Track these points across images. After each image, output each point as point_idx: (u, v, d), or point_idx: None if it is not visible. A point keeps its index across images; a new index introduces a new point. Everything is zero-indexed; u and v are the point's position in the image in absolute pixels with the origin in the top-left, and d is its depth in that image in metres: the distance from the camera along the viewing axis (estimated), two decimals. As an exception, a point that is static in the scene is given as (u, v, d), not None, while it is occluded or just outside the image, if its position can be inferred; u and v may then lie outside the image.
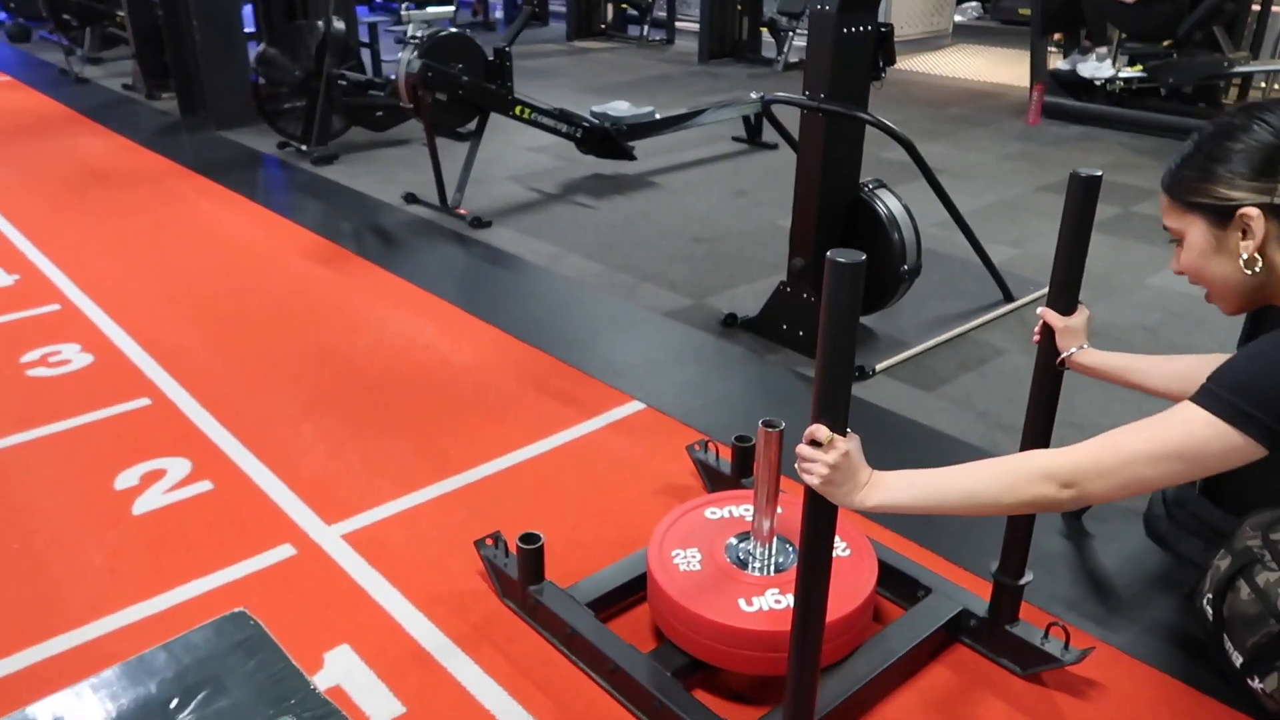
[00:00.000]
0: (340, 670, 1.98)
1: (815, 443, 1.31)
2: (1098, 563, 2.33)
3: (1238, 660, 1.81)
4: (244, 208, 5.10)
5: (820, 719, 1.73)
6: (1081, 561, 2.34)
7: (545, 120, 5.16)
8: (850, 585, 1.94)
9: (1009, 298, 3.75)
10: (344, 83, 5.84)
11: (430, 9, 5.54)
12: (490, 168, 5.58)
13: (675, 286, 3.98)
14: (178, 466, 2.70)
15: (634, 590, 2.15)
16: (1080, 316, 1.75)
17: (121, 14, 7.99)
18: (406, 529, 2.44)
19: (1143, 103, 6.59)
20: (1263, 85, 7.11)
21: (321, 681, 1.94)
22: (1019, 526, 1.92)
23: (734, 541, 2.08)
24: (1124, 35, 6.66)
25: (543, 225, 4.77)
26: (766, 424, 1.91)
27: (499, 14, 12.46)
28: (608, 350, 3.45)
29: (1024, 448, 1.85)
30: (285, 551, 2.34)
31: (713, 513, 2.19)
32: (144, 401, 3.07)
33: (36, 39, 10.46)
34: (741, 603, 1.91)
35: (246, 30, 6.89)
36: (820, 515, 1.38)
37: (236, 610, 1.63)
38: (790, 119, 3.65)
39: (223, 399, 3.08)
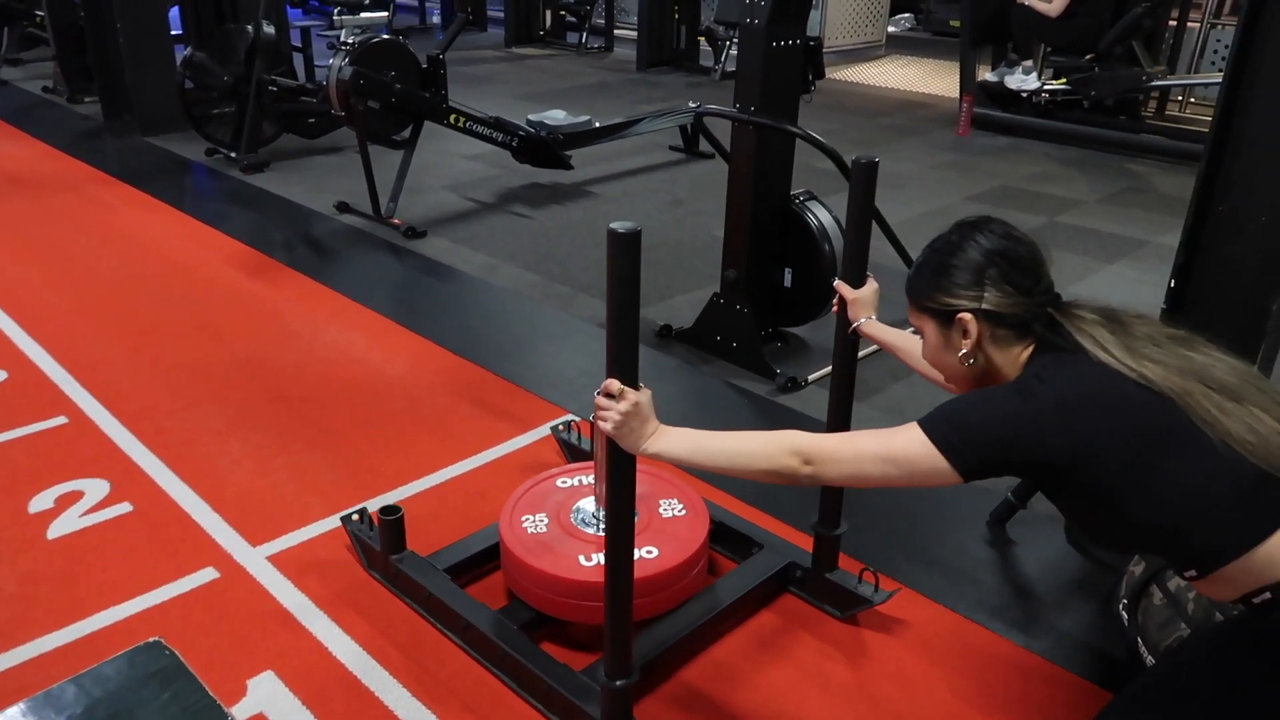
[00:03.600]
0: (263, 698, 1.93)
1: (610, 395, 1.51)
2: (1020, 569, 2.39)
3: (1150, 663, 1.87)
4: (170, 217, 4.97)
5: (652, 660, 1.94)
6: (1004, 568, 2.39)
7: (481, 129, 5.12)
8: (682, 539, 2.14)
9: (938, 307, 3.83)
10: (275, 89, 5.73)
11: (364, 14, 5.47)
12: (425, 176, 5.52)
13: (593, 286, 3.98)
14: (95, 488, 2.62)
15: (492, 557, 2.28)
16: (869, 289, 1.95)
17: (41, 14, 7.74)
18: (335, 549, 2.39)
19: (1067, 114, 6.77)
20: (1179, 98, 7.36)
21: (243, 711, 1.89)
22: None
23: (580, 505, 2.24)
24: (1048, 49, 6.85)
25: (478, 235, 4.73)
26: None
27: (436, 19, 12.35)
28: (543, 362, 3.44)
29: (831, 399, 2.15)
30: (208, 575, 2.28)
31: (563, 482, 2.34)
32: (60, 420, 2.97)
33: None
34: (581, 559, 2.07)
35: (173, 32, 6.71)
36: (617, 458, 1.58)
37: (151, 640, 1.58)
38: (723, 130, 3.68)
39: (144, 416, 2.99)
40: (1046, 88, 6.79)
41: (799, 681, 2.01)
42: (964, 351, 1.45)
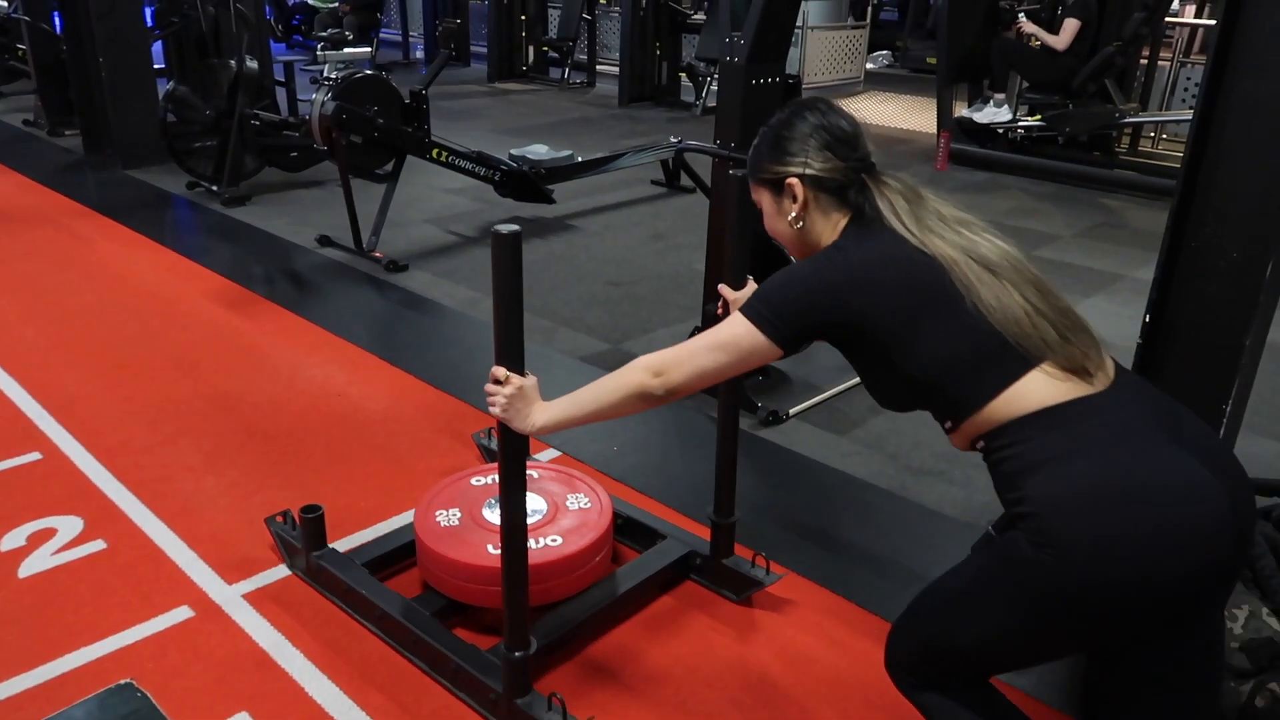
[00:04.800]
0: (237, 740, 1.90)
1: (497, 381, 1.69)
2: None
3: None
4: (150, 250, 4.94)
5: (556, 639, 2.09)
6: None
7: (463, 163, 5.14)
8: (584, 530, 2.29)
9: (918, 341, 3.85)
10: (257, 122, 5.74)
11: (347, 49, 5.51)
12: (407, 210, 5.53)
13: (592, 331, 3.99)
14: (69, 525, 2.58)
15: (411, 552, 2.39)
16: (748, 289, 2.02)
17: (23, 47, 7.74)
18: (312, 587, 2.36)
19: (1042, 150, 6.88)
20: (1151, 134, 7.50)
21: (217, 753, 1.86)
22: (725, 473, 2.29)
23: (492, 500, 2.35)
24: (1025, 85, 6.97)
25: (460, 268, 4.73)
26: None
27: (420, 54, 12.44)
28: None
29: (720, 399, 2.28)
30: (182, 614, 2.25)
31: (477, 480, 2.47)
32: (34, 456, 2.93)
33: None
34: (489, 547, 2.18)
35: (156, 66, 6.73)
36: (509, 438, 1.75)
37: (123, 682, 1.56)
38: (704, 165, 3.72)
39: (120, 452, 2.96)
40: (1022, 124, 6.90)
41: (689, 656, 2.17)
42: (792, 215, 1.59)
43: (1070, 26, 6.53)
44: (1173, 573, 1.29)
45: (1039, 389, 1.38)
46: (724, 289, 2.04)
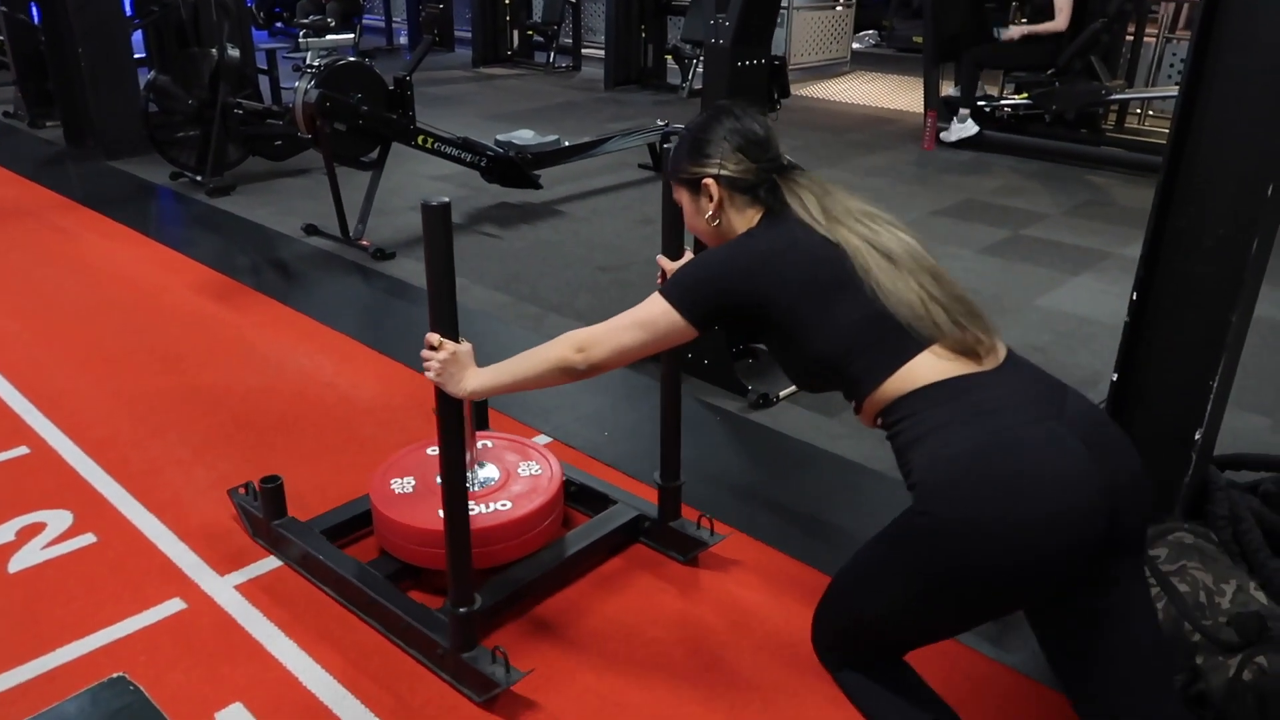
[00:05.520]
0: (232, 731, 1.90)
1: (432, 347, 1.80)
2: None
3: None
4: (134, 242, 4.91)
5: (506, 597, 2.18)
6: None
7: (449, 150, 5.11)
8: (533, 495, 2.38)
9: (906, 321, 3.86)
10: (240, 111, 5.69)
11: (330, 36, 5.46)
12: (393, 197, 5.50)
13: (582, 316, 3.98)
14: (58, 519, 2.57)
15: (369, 521, 2.45)
16: (685, 259, 2.05)
17: (1, 38, 7.65)
18: (304, 577, 2.36)
19: (1029, 128, 6.88)
20: (1138, 111, 7.51)
21: (211, 744, 1.86)
22: (669, 439, 2.36)
23: None
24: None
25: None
26: None
27: (403, 39, 12.35)
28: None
29: (662, 369, 2.31)
30: (174, 606, 2.24)
31: (433, 450, 2.49)
32: (22, 450, 2.91)
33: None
34: (440, 512, 2.11)
35: (136, 56, 6.66)
36: (444, 401, 1.86)
37: (115, 675, 1.55)
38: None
39: (108, 445, 2.94)
40: (1009, 102, 6.89)
41: (633, 613, 2.27)
42: (709, 214, 1.68)
43: (1065, 5, 6.52)
44: (1040, 551, 1.35)
45: (928, 368, 1.46)
46: (661, 259, 2.11)
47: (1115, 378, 2.24)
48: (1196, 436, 2.10)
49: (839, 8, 10.64)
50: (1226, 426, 2.24)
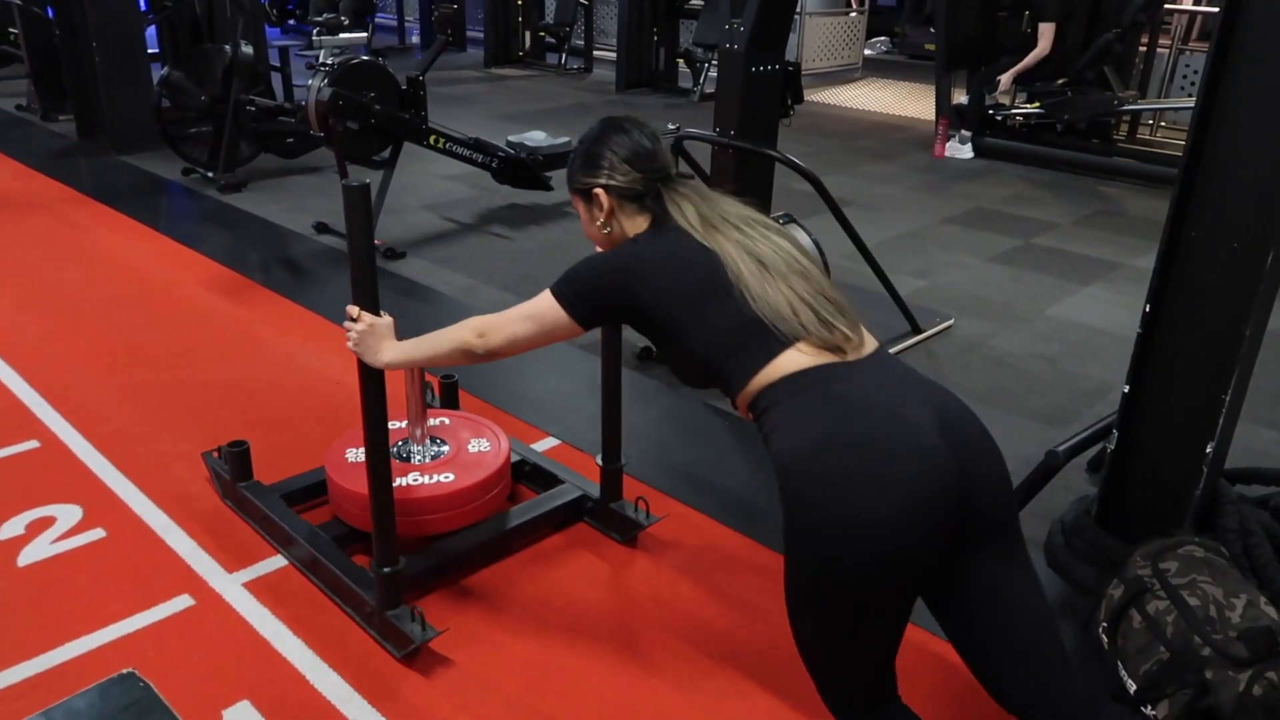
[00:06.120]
0: (239, 728, 1.90)
1: (353, 319, 1.93)
2: (1001, 592, 2.39)
3: (1132, 688, 1.88)
4: (145, 237, 4.92)
5: (437, 564, 2.31)
6: (985, 591, 2.39)
7: (460, 150, 5.12)
8: (477, 468, 2.49)
9: (916, 329, 3.86)
10: (252, 108, 5.71)
11: (343, 35, 5.47)
12: (404, 196, 5.51)
13: (591, 318, 3.97)
14: (68, 514, 2.58)
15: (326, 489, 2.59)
16: None
17: (15, 31, 7.68)
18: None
19: (1040, 137, 6.87)
20: (1150, 122, 7.49)
21: (218, 741, 1.86)
22: (611, 424, 2.45)
23: (401, 442, 2.56)
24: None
25: (457, 256, 4.72)
26: None
27: (415, 39, 12.37)
28: (523, 385, 3.43)
29: (602, 355, 2.37)
30: (183, 602, 2.25)
31: (395, 425, 2.48)
32: (32, 444, 2.92)
33: (-77, 56, 9.97)
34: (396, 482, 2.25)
35: (150, 51, 6.68)
36: (365, 370, 2.00)
37: (125, 671, 1.55)
38: (702, 152, 3.70)
39: (117, 439, 2.95)
40: (1020, 111, 6.89)
41: (564, 585, 2.38)
42: (600, 221, 1.78)
43: (1046, 31, 6.55)
44: (894, 536, 1.40)
45: (792, 363, 1.54)
46: None
47: (1126, 389, 2.23)
48: (1208, 450, 2.10)
49: (851, 14, 10.64)
50: (1238, 440, 2.24)
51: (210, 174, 5.79)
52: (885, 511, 1.40)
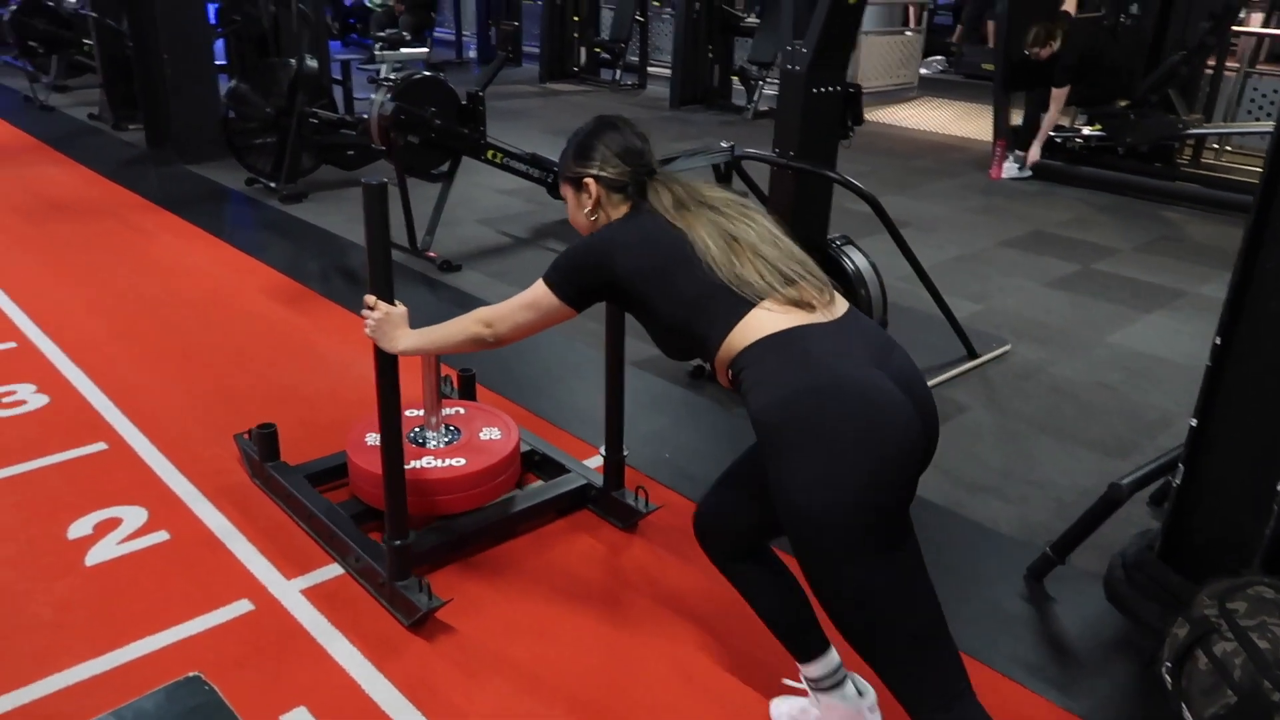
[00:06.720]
0: (296, 734, 1.93)
1: (369, 307, 2.08)
2: (1059, 626, 2.35)
3: (1196, 731, 1.83)
4: (209, 244, 5.05)
5: (446, 541, 2.46)
6: (1042, 624, 2.35)
7: (516, 164, 5.17)
8: (487, 455, 2.64)
9: (972, 354, 3.81)
10: (315, 121, 5.83)
11: (404, 50, 5.56)
12: (460, 210, 5.58)
13: (644, 335, 3.94)
14: (133, 515, 2.64)
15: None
16: None
17: (89, 42, 7.93)
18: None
19: (1100, 160, 6.76)
20: (1215, 146, 7.32)
21: (276, 746, 1.89)
22: (614, 416, 2.63)
23: (418, 428, 2.74)
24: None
25: (512, 269, 4.77)
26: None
27: (472, 53, 12.54)
28: (575, 399, 3.45)
29: (606, 351, 2.64)
30: (242, 607, 2.29)
31: (410, 413, 2.76)
32: (100, 446, 3.00)
33: (1, 64, 10.35)
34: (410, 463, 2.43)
35: (217, 63, 6.86)
36: (380, 356, 2.13)
37: (191, 675, 1.59)
38: (760, 172, 3.70)
39: (181, 443, 3.02)
40: (1081, 133, 6.78)
41: (563, 564, 2.53)
42: (588, 209, 1.90)
43: (1058, 96, 6.54)
44: (879, 477, 1.53)
45: (764, 321, 1.64)
46: None
47: (1194, 423, 2.18)
48: (1278, 487, 2.04)
49: (908, 33, 10.58)
50: (1311, 479, 2.17)
51: (272, 184, 5.92)
52: (866, 446, 1.53)
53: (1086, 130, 6.78)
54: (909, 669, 1.65)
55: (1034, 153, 6.84)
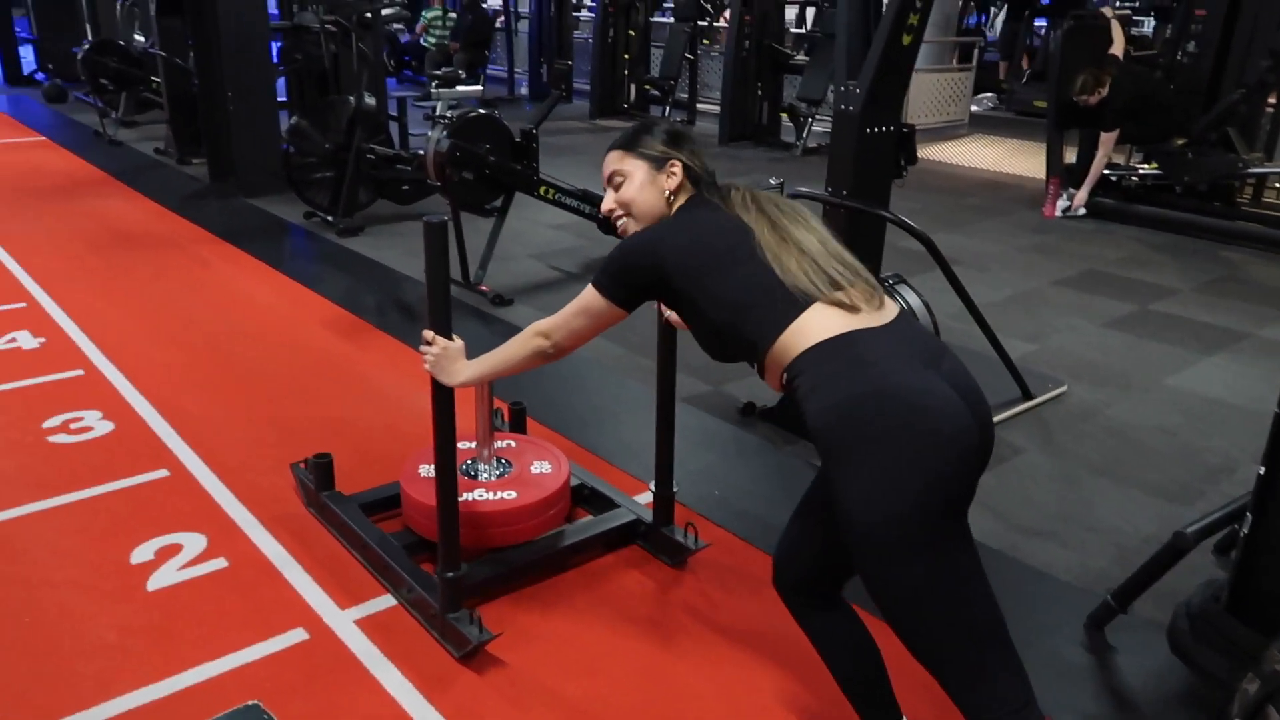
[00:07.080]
0: (349, 765, 1.95)
1: (428, 342, 2.15)
2: (1121, 678, 2.29)
3: (1268, 791, 1.77)
4: (269, 276, 5.17)
5: (498, 573, 2.49)
6: (1104, 676, 2.30)
7: (568, 200, 5.24)
8: (538, 489, 2.67)
9: (1027, 395, 3.75)
10: (372, 156, 5.96)
11: (459, 87, 5.68)
12: (512, 244, 5.65)
13: (694, 371, 3.99)
14: (193, 542, 2.70)
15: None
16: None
17: (157, 80, 8.22)
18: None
19: (1158, 199, 6.66)
20: (1277, 184, 7.18)
21: (330, 777, 1.91)
22: (664, 452, 2.64)
23: (470, 461, 2.77)
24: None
25: (563, 303, 4.72)
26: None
27: (524, 90, 12.75)
28: (625, 434, 3.46)
29: (658, 383, 2.67)
30: (298, 636, 2.32)
31: (463, 444, 2.74)
32: (163, 473, 3.08)
33: (72, 100, 10.75)
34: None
35: (279, 100, 7.06)
36: (438, 390, 2.19)
37: (250, 703, 1.62)
38: (810, 209, 3.70)
39: (240, 472, 3.08)
40: (1137, 172, 6.70)
41: (612, 599, 2.54)
42: (668, 191, 1.90)
43: (1107, 140, 6.56)
44: (941, 471, 1.51)
45: (817, 324, 1.63)
46: (664, 309, 2.36)
47: (1262, 470, 2.13)
48: (1353, 539, 1.98)
49: (958, 70, 10.56)
50: (1386, 530, 2.11)
51: (330, 218, 6.06)
52: (923, 452, 1.51)
53: (1143, 169, 6.69)
54: (971, 676, 1.61)
55: (1081, 196, 6.78)
